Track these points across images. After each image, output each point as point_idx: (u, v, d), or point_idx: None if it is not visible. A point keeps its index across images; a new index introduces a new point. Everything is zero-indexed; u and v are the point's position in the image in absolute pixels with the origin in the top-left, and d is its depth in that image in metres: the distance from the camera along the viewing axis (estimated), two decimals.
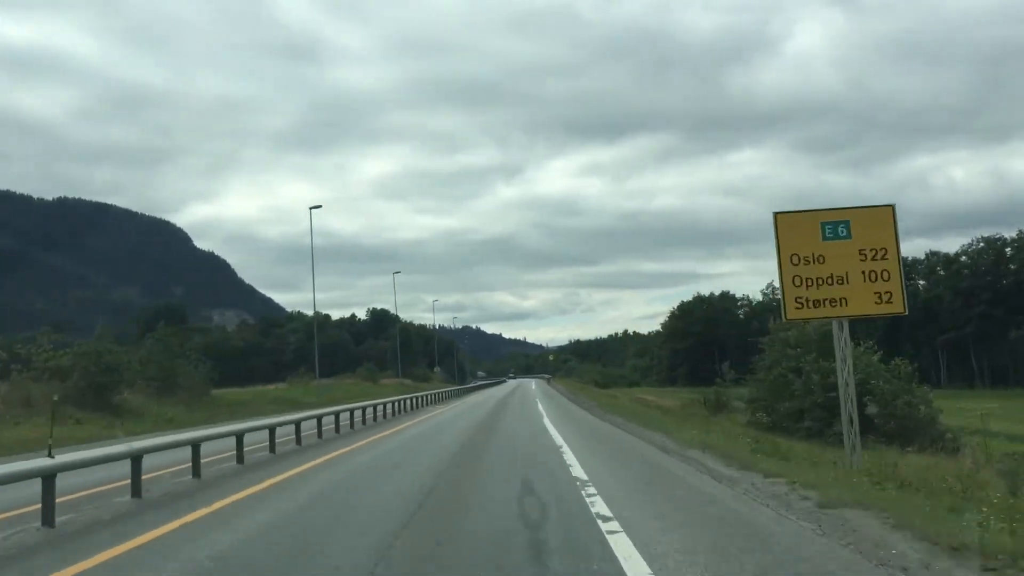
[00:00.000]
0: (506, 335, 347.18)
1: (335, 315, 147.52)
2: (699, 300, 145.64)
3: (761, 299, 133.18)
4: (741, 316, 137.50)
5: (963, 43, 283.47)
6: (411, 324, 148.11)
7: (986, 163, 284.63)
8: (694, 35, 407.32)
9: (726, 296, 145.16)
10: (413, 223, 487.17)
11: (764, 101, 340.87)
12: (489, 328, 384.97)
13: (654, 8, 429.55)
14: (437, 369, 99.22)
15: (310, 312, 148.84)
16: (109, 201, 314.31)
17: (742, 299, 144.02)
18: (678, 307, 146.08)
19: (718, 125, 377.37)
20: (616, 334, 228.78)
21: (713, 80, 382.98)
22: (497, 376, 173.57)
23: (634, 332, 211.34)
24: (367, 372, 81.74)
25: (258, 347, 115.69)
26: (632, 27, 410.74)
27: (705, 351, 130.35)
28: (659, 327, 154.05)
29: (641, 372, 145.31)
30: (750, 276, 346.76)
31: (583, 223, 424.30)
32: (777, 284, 13.74)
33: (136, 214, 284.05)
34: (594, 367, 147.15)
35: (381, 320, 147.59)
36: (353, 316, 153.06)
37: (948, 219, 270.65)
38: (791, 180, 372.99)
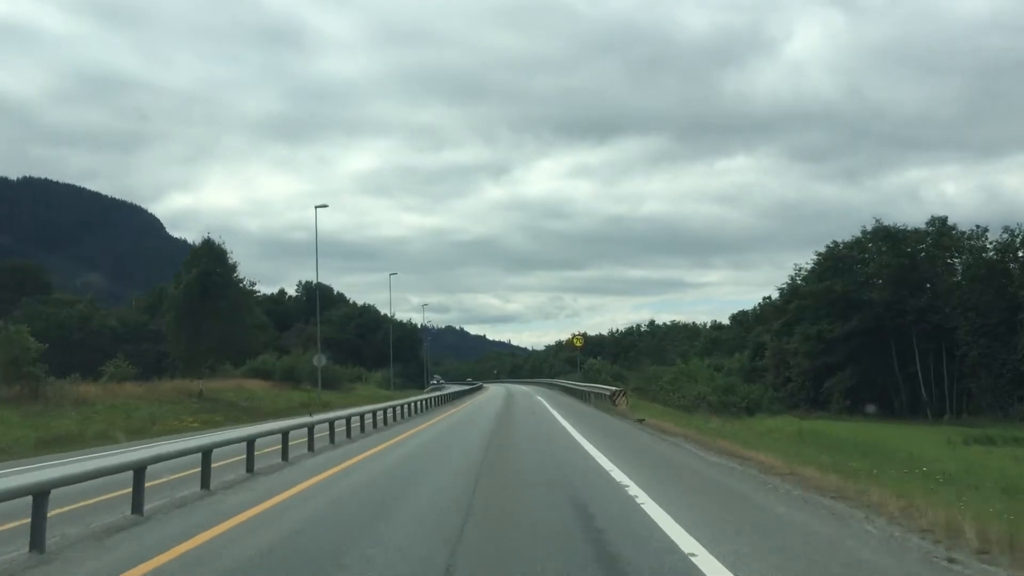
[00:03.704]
0: (490, 337, 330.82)
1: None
2: (877, 236, 67.20)
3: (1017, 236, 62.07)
4: (956, 266, 65.99)
5: (962, 52, 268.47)
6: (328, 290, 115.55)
7: (979, 178, 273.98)
8: (688, 33, 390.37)
9: (933, 230, 66.24)
10: (397, 221, 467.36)
11: (757, 105, 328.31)
12: (473, 330, 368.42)
13: (648, 4, 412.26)
14: (320, 358, 52.33)
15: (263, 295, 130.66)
16: (79, 184, 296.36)
17: (968, 235, 65.28)
18: (823, 255, 70.12)
19: (710, 129, 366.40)
20: (635, 326, 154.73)
21: (706, 82, 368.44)
22: (458, 379, 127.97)
23: (661, 322, 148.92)
24: (118, 368, 44.31)
25: (139, 329, 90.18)
26: (625, 23, 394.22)
27: (886, 340, 62.56)
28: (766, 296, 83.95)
29: (741, 378, 73.39)
30: (735, 287, 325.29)
31: (569, 226, 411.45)
32: None
33: (105, 198, 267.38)
34: (662, 369, 77.61)
35: (315, 298, 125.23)
36: (282, 292, 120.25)
37: None
38: (780, 189, 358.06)
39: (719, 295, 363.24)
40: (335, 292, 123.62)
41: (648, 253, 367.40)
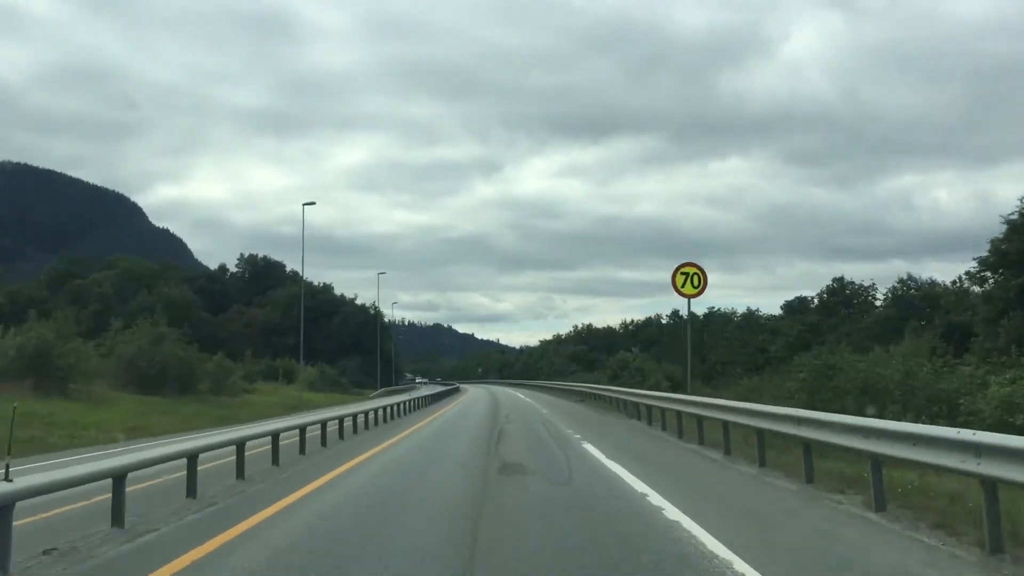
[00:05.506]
0: (479, 336, 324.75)
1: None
2: None
3: None
4: None
5: (960, 56, 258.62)
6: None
7: (972, 186, 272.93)
8: (686, 32, 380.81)
9: None
10: (387, 217, 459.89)
11: (753, 107, 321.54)
12: (462, 328, 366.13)
13: (647, 2, 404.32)
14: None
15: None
16: (61, 171, 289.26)
17: None
18: None
19: (704, 130, 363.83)
20: (653, 316, 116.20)
21: (702, 82, 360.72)
22: (431, 377, 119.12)
23: (694, 310, 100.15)
24: None
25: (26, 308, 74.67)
26: (623, 21, 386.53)
27: None
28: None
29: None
30: (726, 290, 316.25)
31: (561, 226, 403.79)
32: None
33: (85, 184, 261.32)
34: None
35: (263, 275, 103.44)
36: (222, 268, 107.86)
37: (927, 242, 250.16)
38: (774, 192, 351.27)
39: (711, 297, 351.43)
40: (287, 270, 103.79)
41: (640, 255, 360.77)
